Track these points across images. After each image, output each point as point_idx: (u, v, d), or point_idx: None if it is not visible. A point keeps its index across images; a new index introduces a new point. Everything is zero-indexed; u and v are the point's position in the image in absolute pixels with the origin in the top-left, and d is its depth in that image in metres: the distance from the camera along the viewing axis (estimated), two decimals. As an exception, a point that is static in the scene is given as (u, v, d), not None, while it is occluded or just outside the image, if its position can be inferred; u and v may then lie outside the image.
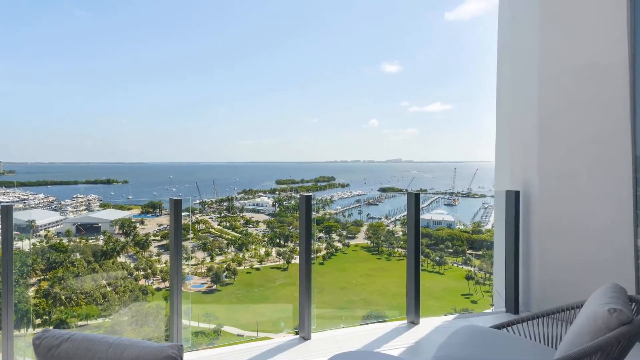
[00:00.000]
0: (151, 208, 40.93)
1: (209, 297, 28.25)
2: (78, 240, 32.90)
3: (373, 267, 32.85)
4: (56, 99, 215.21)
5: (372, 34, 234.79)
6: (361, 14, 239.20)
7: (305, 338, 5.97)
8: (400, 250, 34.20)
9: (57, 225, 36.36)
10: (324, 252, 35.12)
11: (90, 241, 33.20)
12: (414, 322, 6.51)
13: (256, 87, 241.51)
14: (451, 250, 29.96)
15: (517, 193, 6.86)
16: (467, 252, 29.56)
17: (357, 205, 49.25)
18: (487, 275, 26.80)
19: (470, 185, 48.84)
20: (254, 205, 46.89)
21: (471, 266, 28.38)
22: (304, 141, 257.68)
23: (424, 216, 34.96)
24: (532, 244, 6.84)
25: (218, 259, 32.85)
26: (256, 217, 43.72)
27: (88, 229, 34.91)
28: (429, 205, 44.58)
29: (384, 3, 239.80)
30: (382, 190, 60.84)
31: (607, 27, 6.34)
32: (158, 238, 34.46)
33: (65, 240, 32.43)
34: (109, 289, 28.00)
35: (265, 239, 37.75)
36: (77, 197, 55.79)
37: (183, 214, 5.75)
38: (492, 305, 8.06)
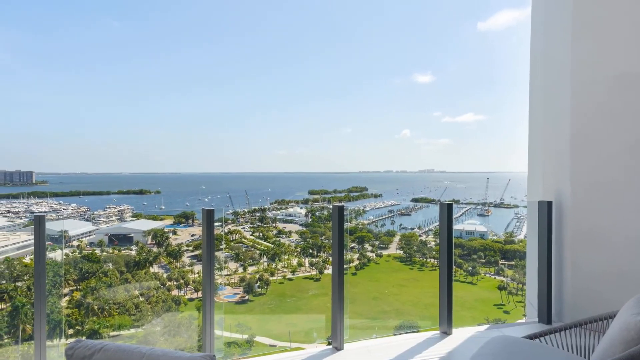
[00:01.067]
0: (184, 218, 41.07)
1: (242, 307, 28.33)
2: (111, 251, 33.07)
3: (405, 278, 32.75)
4: (89, 109, 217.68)
5: (404, 44, 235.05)
6: (393, 24, 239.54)
7: (338, 348, 5.97)
8: (432, 260, 34.14)
9: (90, 235, 36.54)
10: (356, 262, 35.11)
11: (123, 251, 33.34)
12: (446, 333, 6.50)
13: (290, 98, 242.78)
14: (484, 261, 29.81)
15: (549, 203, 6.83)
16: (500, 262, 29.39)
17: (390, 215, 49.18)
18: (520, 285, 26.64)
19: (503, 196, 48.58)
20: (286, 215, 46.93)
21: (504, 276, 28.21)
22: (337, 151, 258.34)
23: (457, 226, 34.77)
24: (564, 255, 6.80)
25: (250, 269, 32.92)
26: (289, 227, 43.76)
27: (121, 239, 35.06)
28: (461, 215, 44.41)
29: (416, 14, 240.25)
30: (415, 200, 60.84)
31: (640, 36, 6.30)
32: (190, 248, 34.57)
33: (97, 251, 32.60)
34: (141, 299, 28.10)
35: (298, 249, 37.77)
36: (109, 207, 56.16)
37: (216, 224, 5.76)
38: (524, 315, 8.01)
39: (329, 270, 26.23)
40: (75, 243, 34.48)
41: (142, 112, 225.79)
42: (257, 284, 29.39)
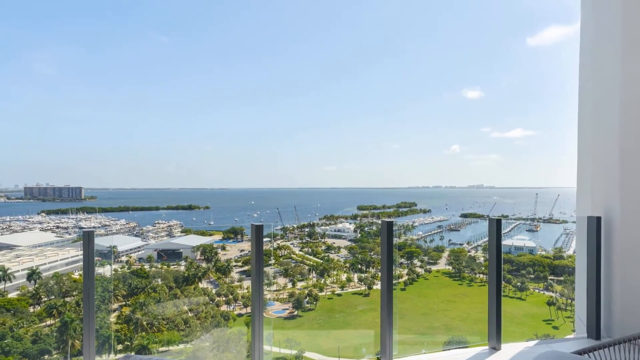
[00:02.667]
0: (232, 234, 41.44)
1: (291, 322, 28.44)
2: (159, 266, 33.44)
3: (454, 293, 32.69)
4: (138, 125, 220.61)
5: (453, 60, 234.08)
6: (443, 40, 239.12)
7: (387, 363, 6.00)
8: (481, 276, 33.98)
9: (139, 251, 37.01)
10: (405, 277, 35.10)
11: (172, 267, 33.70)
12: (495, 348, 6.49)
13: (339, 114, 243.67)
14: (532, 276, 29.59)
15: (598, 219, 6.79)
16: (549, 278, 29.13)
17: (439, 231, 49.20)
18: (569, 300, 26.35)
19: (552, 211, 48.21)
20: (335, 230, 47.12)
21: (553, 292, 27.93)
22: (386, 167, 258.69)
23: (506, 242, 34.56)
24: (613, 270, 6.76)
25: (299, 284, 33.06)
26: (337, 242, 43.90)
27: (169, 254, 35.44)
28: (510, 231, 44.14)
29: (465, 29, 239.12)
30: (464, 216, 60.75)
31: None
32: (239, 264, 34.83)
33: (146, 266, 33.00)
34: (190, 314, 28.36)
35: (347, 264, 37.86)
36: (158, 222, 56.80)
37: (265, 239, 5.81)
38: (573, 330, 7.96)
39: (377, 286, 26.18)
40: (124, 258, 35.01)
41: (191, 127, 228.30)
42: (306, 300, 29.48)
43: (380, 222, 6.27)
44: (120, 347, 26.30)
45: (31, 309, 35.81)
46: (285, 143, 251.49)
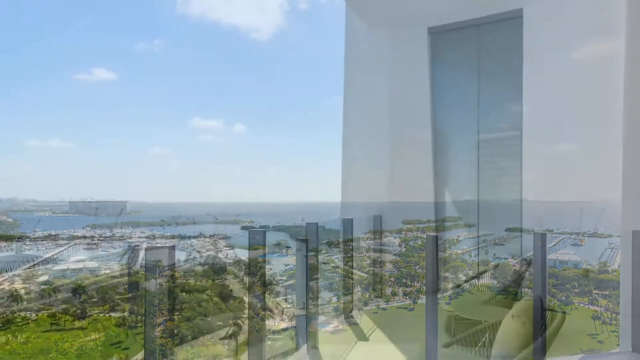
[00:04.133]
0: (277, 248, 41.77)
1: (336, 336, 28.45)
2: (204, 280, 33.76)
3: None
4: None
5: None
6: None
7: (431, 376, 6.05)
8: (526, 290, 33.73)
9: (184, 264, 37.46)
10: (450, 292, 35.01)
11: (217, 281, 34.02)
12: (540, 362, 6.53)
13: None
14: (577, 290, 29.28)
15: (643, 233, 6.80)
16: (594, 292, 28.83)
17: (484, 245, 48.95)
18: (614, 315, 26.07)
19: (597, 225, 47.71)
20: (380, 244, 47.22)
21: (597, 306, 27.67)
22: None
23: (551, 256, 34.30)
24: (658, 283, 6.76)
25: (344, 298, 33.12)
26: (382, 257, 43.95)
27: (215, 268, 35.79)
28: (555, 245, 43.78)
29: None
30: (509, 230, 60.37)
31: None
32: (284, 278, 35.08)
33: (191, 280, 33.34)
34: (235, 328, 28.61)
35: (392, 278, 37.87)
36: (203, 236, 57.20)
37: (309, 253, 5.91)
38: (618, 345, 7.96)
39: (422, 300, 26.18)
40: (169, 272, 35.47)
41: (235, 141, 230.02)
42: (351, 313, 29.54)
43: (425, 236, 6.36)
44: (164, 361, 26.57)
45: (76, 323, 36.26)
46: (326, 156, 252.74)
